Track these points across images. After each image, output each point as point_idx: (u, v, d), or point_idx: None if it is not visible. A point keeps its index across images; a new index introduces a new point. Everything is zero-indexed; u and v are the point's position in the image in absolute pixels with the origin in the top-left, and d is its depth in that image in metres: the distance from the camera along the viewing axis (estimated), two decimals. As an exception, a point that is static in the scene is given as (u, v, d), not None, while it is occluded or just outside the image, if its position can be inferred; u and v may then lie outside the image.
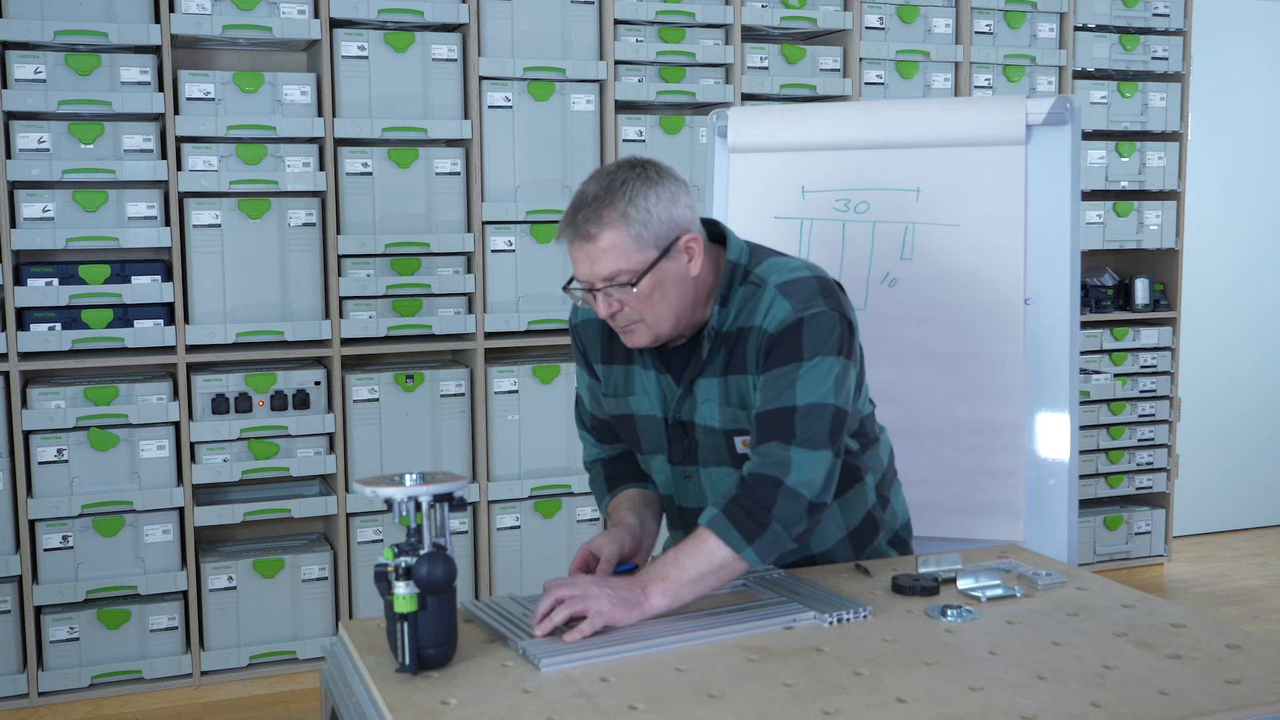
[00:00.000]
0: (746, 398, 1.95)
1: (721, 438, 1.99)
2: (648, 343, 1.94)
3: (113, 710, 3.62)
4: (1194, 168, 5.06)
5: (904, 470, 2.57)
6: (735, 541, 1.81)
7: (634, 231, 1.84)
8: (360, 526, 3.83)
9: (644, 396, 2.04)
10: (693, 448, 2.03)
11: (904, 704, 1.50)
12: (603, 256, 1.85)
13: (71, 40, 3.49)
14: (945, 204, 2.60)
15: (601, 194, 1.85)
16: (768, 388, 1.89)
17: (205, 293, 3.65)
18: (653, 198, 1.85)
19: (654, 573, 1.81)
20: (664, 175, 1.89)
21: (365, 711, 1.60)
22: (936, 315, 2.59)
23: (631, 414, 2.07)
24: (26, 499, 3.53)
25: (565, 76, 3.90)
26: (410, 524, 1.63)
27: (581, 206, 1.86)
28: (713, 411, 1.98)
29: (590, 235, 1.84)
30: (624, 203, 1.84)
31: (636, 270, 1.85)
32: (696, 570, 1.81)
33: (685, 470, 2.06)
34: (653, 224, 1.85)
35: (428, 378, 3.86)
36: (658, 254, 1.86)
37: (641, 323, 1.91)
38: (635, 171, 1.87)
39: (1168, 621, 1.78)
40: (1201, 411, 5.31)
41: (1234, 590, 4.72)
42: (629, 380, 2.06)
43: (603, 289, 1.88)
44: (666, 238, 1.87)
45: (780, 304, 1.91)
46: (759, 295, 1.93)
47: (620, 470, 2.19)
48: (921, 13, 4.36)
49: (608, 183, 1.86)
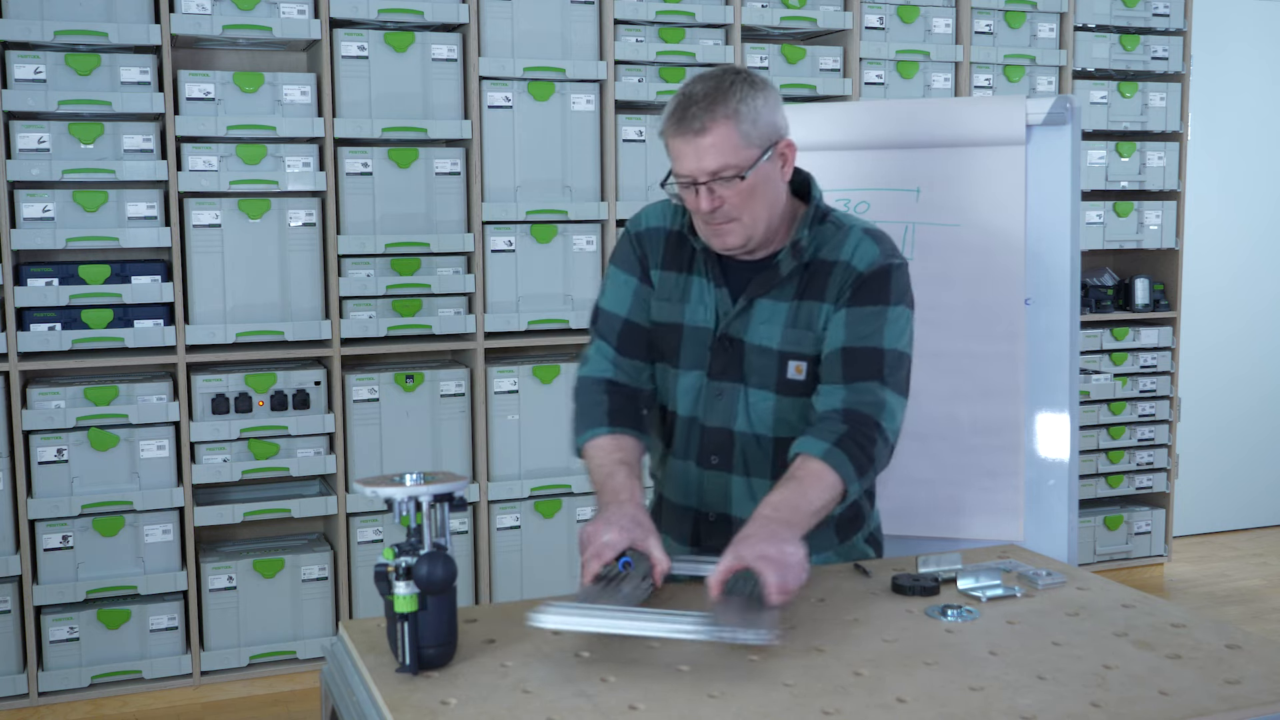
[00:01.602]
0: (815, 324, 2.00)
1: (775, 359, 2.02)
2: (739, 244, 1.98)
3: (113, 710, 3.62)
4: (1194, 168, 5.06)
5: (904, 470, 2.57)
6: (849, 475, 1.90)
7: (743, 129, 1.90)
8: (360, 526, 3.84)
9: (699, 306, 2.06)
10: (735, 365, 2.04)
11: (904, 704, 1.50)
12: (711, 150, 1.90)
13: (71, 40, 3.49)
14: (945, 204, 2.60)
15: (712, 92, 1.91)
16: (854, 324, 1.97)
17: (205, 293, 3.65)
18: (760, 100, 1.92)
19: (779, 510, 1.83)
20: (767, 83, 1.97)
21: (365, 711, 1.60)
22: (937, 315, 2.59)
23: (681, 323, 2.08)
24: (26, 499, 3.53)
25: (565, 76, 3.90)
26: (410, 524, 1.63)
27: (692, 103, 1.91)
28: (774, 332, 2.01)
29: (702, 129, 1.90)
30: (735, 101, 1.90)
31: (743, 166, 1.91)
32: (821, 502, 1.88)
33: (720, 387, 2.06)
34: (760, 124, 1.92)
35: (428, 378, 3.86)
36: (760, 153, 1.93)
37: (738, 221, 1.96)
38: (741, 76, 1.94)
39: (1168, 621, 1.78)
40: (1201, 411, 5.31)
41: (1234, 590, 4.72)
42: (686, 289, 2.08)
43: (707, 183, 1.92)
44: (768, 139, 1.94)
45: (869, 245, 2.01)
46: (843, 234, 2.03)
47: (623, 405, 2.08)
48: (921, 13, 4.36)
49: (715, 84, 1.92)
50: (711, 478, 2.10)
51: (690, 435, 2.11)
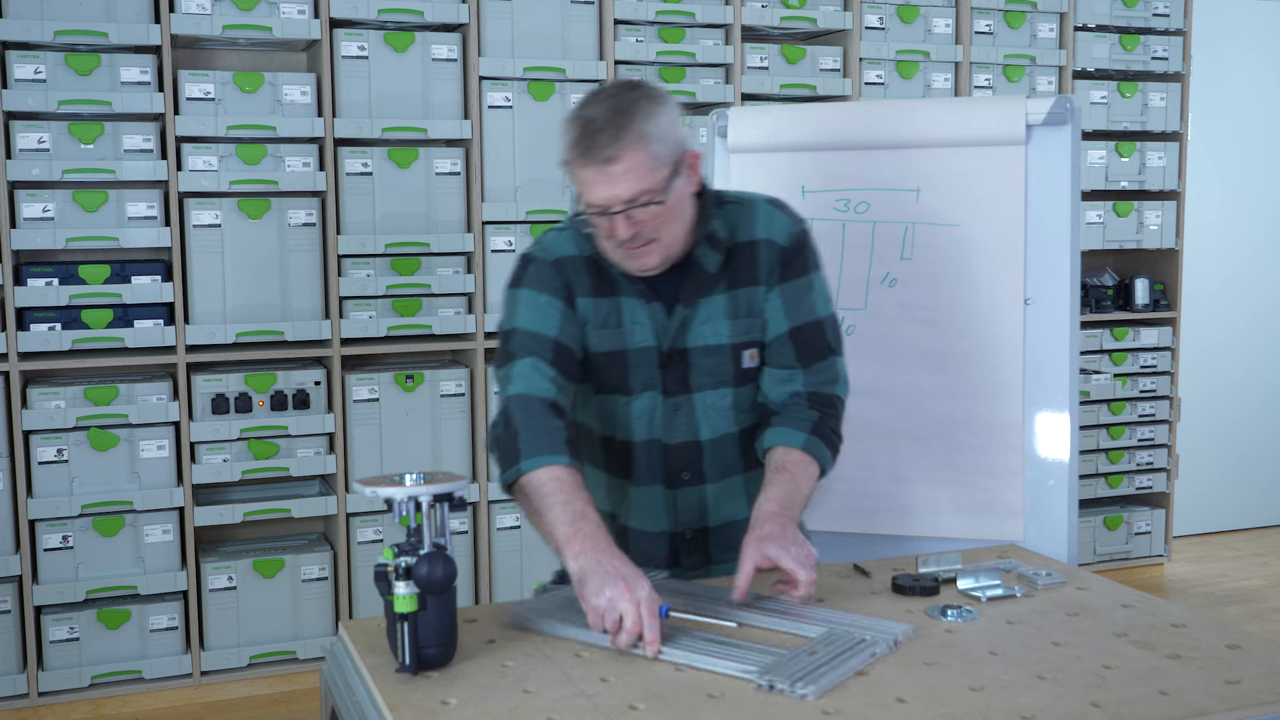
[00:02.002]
0: (755, 307, 2.01)
1: (729, 354, 2.01)
2: (657, 264, 1.94)
3: (113, 710, 3.62)
4: (1194, 168, 5.06)
5: (904, 470, 2.58)
6: (827, 459, 1.97)
7: (654, 150, 1.84)
8: (360, 526, 3.83)
9: (636, 328, 2.00)
10: (685, 375, 2.01)
11: (904, 704, 1.50)
12: (625, 177, 1.83)
13: (71, 40, 3.49)
14: (945, 204, 2.60)
15: (615, 116, 1.83)
16: (791, 302, 2.00)
17: (205, 293, 3.65)
18: (664, 117, 1.87)
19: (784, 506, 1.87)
20: (665, 94, 1.91)
21: (365, 711, 1.60)
22: (936, 315, 2.59)
23: (624, 349, 2.01)
24: (26, 499, 3.53)
25: (565, 76, 3.90)
26: (410, 524, 1.63)
27: (596, 130, 1.83)
28: (720, 328, 2.00)
29: (612, 158, 1.82)
30: (642, 122, 1.83)
31: (659, 189, 1.86)
32: (809, 490, 1.94)
33: (676, 402, 2.02)
34: (668, 142, 1.86)
35: (428, 378, 3.86)
36: (672, 172, 1.88)
37: (657, 242, 1.91)
38: (640, 91, 1.87)
39: (1168, 621, 1.78)
40: (1201, 411, 5.31)
41: (1234, 590, 4.72)
42: (619, 313, 2.01)
43: (623, 211, 1.86)
44: (676, 155, 1.89)
45: (779, 216, 2.03)
46: (750, 211, 2.03)
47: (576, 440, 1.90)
48: (921, 13, 4.36)
49: (616, 104, 1.84)
50: (685, 495, 2.07)
51: (652, 459, 2.05)
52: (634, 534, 2.11)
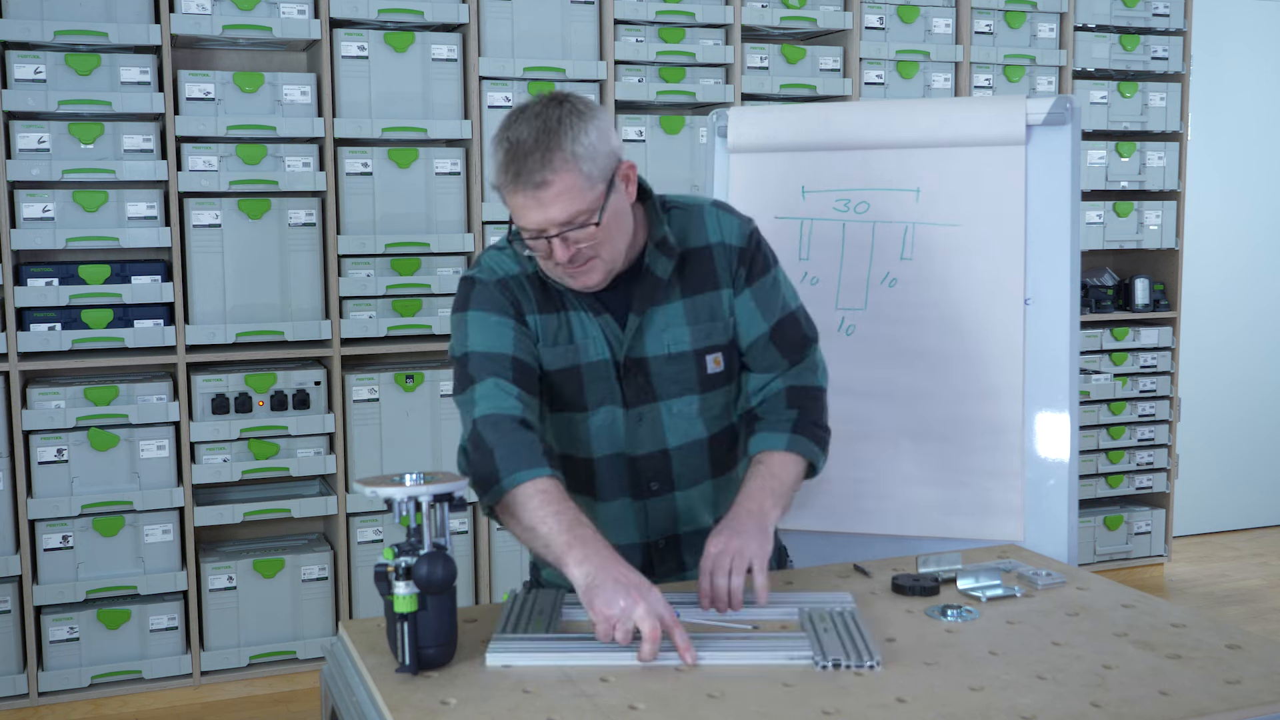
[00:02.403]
0: (718, 312, 1.99)
1: (692, 360, 1.97)
2: (600, 281, 1.88)
3: (113, 710, 3.62)
4: (1194, 168, 5.06)
5: (904, 470, 2.57)
6: (815, 454, 1.98)
7: (585, 170, 1.77)
8: (360, 526, 3.83)
9: (588, 342, 1.96)
10: (646, 385, 1.97)
11: (904, 704, 1.50)
12: (558, 201, 1.77)
13: (71, 40, 3.49)
14: (945, 204, 2.60)
15: (542, 137, 1.76)
16: (762, 302, 2.00)
17: (205, 293, 3.65)
18: (593, 132, 1.79)
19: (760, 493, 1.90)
20: (592, 107, 1.82)
21: (365, 711, 1.60)
22: (936, 315, 2.59)
23: (578, 365, 1.95)
24: (26, 499, 3.53)
25: (565, 76, 3.90)
26: (410, 524, 1.63)
27: (524, 153, 1.76)
28: (680, 335, 1.96)
29: (543, 182, 1.75)
30: (570, 142, 1.76)
31: (593, 209, 1.79)
32: (790, 479, 1.94)
33: (639, 412, 1.98)
34: (599, 159, 1.79)
35: (428, 378, 3.86)
36: (605, 188, 1.81)
37: (597, 259, 1.85)
38: (565, 108, 1.79)
39: (1168, 621, 1.78)
40: (1201, 411, 5.31)
41: (1234, 590, 4.72)
42: (569, 329, 1.95)
43: (558, 234, 1.80)
44: (609, 170, 1.81)
45: (728, 219, 2.02)
46: (698, 215, 2.01)
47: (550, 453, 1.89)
48: (921, 13, 4.36)
49: (542, 124, 1.77)
50: (655, 504, 2.03)
51: (616, 472, 2.01)
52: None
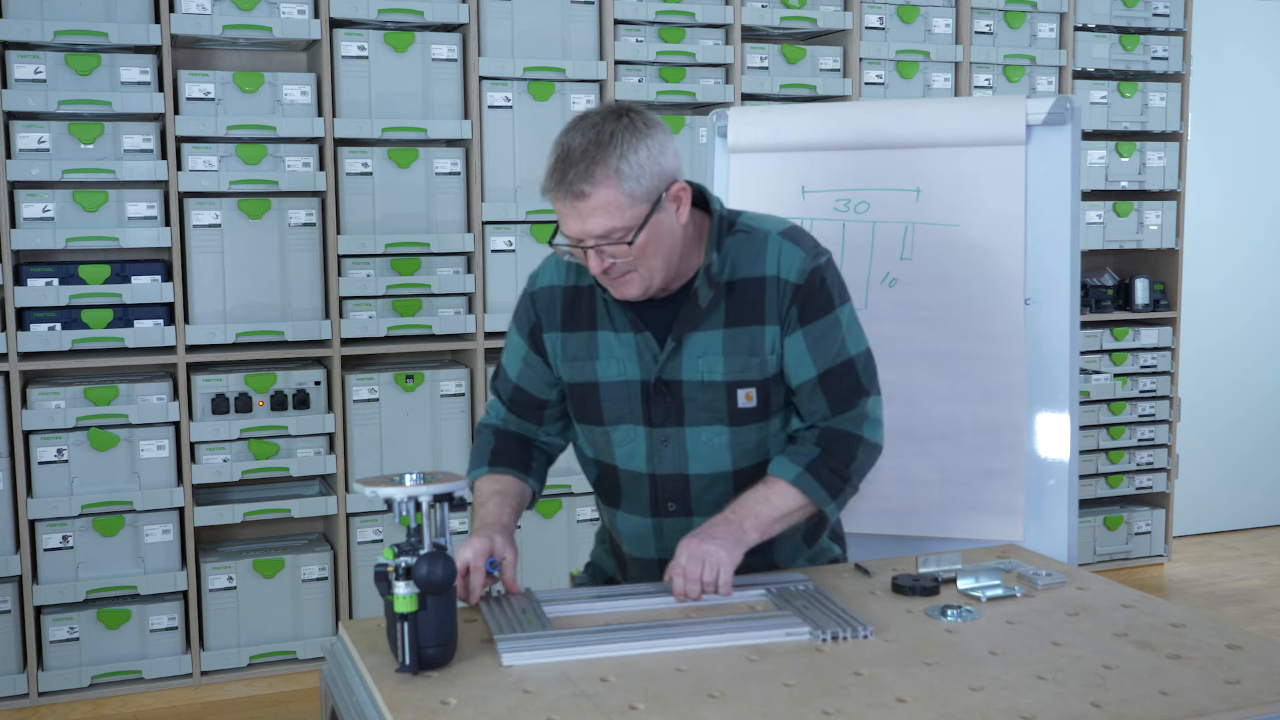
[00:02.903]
0: (760, 348, 1.93)
1: (723, 391, 1.94)
2: (638, 294, 1.89)
3: (113, 710, 3.62)
4: (1194, 168, 5.06)
5: (904, 470, 2.57)
6: (821, 498, 1.92)
7: (627, 188, 1.78)
8: (360, 526, 3.83)
9: (612, 361, 1.97)
10: (676, 408, 1.96)
11: (904, 704, 1.50)
12: (595, 214, 1.79)
13: (71, 40, 3.49)
14: (945, 204, 2.60)
15: (591, 148, 1.78)
16: (817, 344, 1.93)
17: (205, 293, 3.65)
18: (644, 151, 1.79)
19: (746, 509, 1.89)
20: (651, 125, 1.83)
21: (365, 711, 1.61)
22: (936, 315, 2.59)
23: (595, 382, 1.99)
24: (26, 499, 3.53)
25: (565, 76, 3.90)
26: (410, 524, 1.63)
27: (571, 163, 1.78)
28: (714, 364, 1.93)
29: (582, 194, 1.78)
30: (616, 158, 1.77)
31: (631, 227, 1.80)
32: (784, 509, 1.91)
33: (664, 434, 1.98)
34: (645, 178, 1.79)
35: (428, 378, 3.86)
36: (650, 208, 1.81)
37: (635, 274, 1.86)
38: (623, 123, 1.80)
39: (1168, 621, 1.78)
40: (1201, 411, 5.31)
41: (1234, 590, 4.72)
42: (592, 346, 1.98)
43: (594, 246, 1.82)
44: (657, 190, 1.82)
45: (792, 251, 1.92)
46: (760, 244, 1.93)
47: (506, 448, 2.09)
48: (921, 13, 4.35)
49: (595, 135, 1.79)
50: (671, 525, 2.04)
51: (638, 488, 2.04)
52: (631, 560, 2.13)
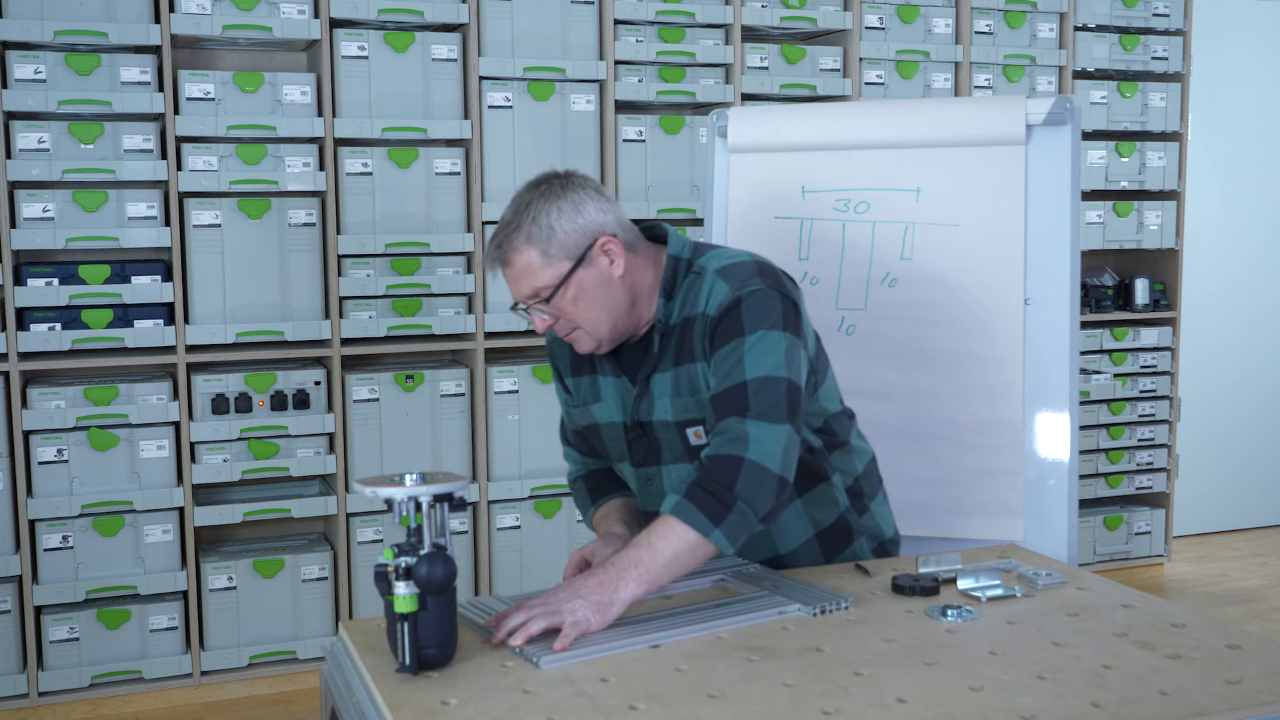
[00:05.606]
0: (697, 386, 1.97)
1: (675, 431, 2.00)
2: (591, 348, 2.00)
3: (113, 710, 3.62)
4: (1194, 168, 5.06)
5: (904, 470, 2.57)
6: (702, 525, 1.79)
7: (540, 249, 1.90)
8: (360, 526, 3.83)
9: (605, 404, 2.08)
10: (653, 448, 2.04)
11: (904, 704, 1.50)
12: (519, 278, 1.92)
13: (71, 40, 3.49)
14: (945, 204, 2.60)
15: (511, 218, 1.92)
16: (718, 368, 1.92)
17: (205, 293, 3.65)
18: (554, 212, 1.91)
19: (627, 559, 1.78)
20: (569, 186, 1.94)
21: (365, 711, 1.61)
22: (936, 315, 2.59)
23: (596, 423, 2.10)
24: (26, 499, 3.53)
25: (565, 76, 3.90)
26: (410, 524, 1.63)
27: (497, 235, 1.94)
28: (665, 406, 2.00)
29: (505, 260, 1.93)
30: (528, 224, 1.90)
31: (551, 285, 1.91)
32: (670, 552, 1.78)
33: (647, 473, 2.07)
34: (558, 237, 1.90)
35: (428, 378, 3.86)
36: (571, 264, 1.91)
37: (580, 329, 1.97)
38: (539, 190, 1.93)
39: (1168, 621, 1.78)
40: (1201, 411, 5.31)
41: (1234, 590, 4.72)
42: (595, 389, 2.10)
43: (528, 306, 1.96)
44: (579, 246, 1.92)
45: (720, 286, 1.95)
46: (700, 283, 1.98)
47: (601, 482, 2.22)
48: (921, 13, 4.35)
49: (515, 206, 1.93)
50: None
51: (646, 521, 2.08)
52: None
